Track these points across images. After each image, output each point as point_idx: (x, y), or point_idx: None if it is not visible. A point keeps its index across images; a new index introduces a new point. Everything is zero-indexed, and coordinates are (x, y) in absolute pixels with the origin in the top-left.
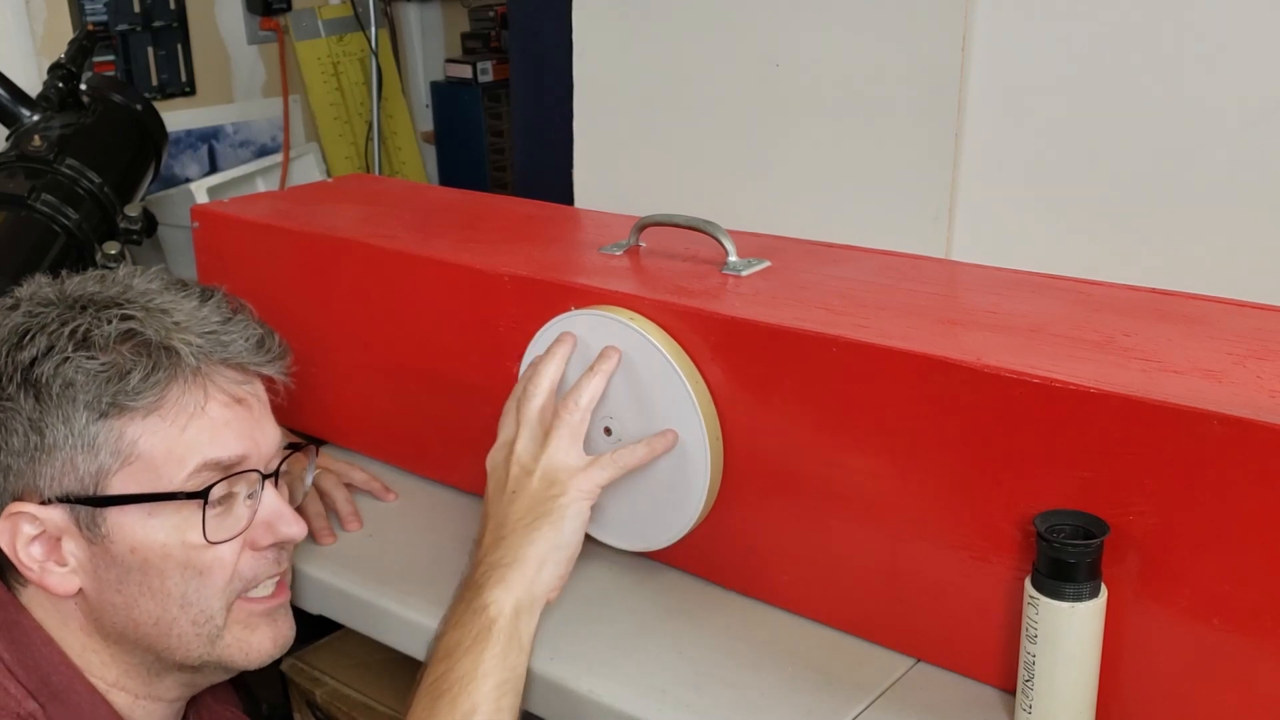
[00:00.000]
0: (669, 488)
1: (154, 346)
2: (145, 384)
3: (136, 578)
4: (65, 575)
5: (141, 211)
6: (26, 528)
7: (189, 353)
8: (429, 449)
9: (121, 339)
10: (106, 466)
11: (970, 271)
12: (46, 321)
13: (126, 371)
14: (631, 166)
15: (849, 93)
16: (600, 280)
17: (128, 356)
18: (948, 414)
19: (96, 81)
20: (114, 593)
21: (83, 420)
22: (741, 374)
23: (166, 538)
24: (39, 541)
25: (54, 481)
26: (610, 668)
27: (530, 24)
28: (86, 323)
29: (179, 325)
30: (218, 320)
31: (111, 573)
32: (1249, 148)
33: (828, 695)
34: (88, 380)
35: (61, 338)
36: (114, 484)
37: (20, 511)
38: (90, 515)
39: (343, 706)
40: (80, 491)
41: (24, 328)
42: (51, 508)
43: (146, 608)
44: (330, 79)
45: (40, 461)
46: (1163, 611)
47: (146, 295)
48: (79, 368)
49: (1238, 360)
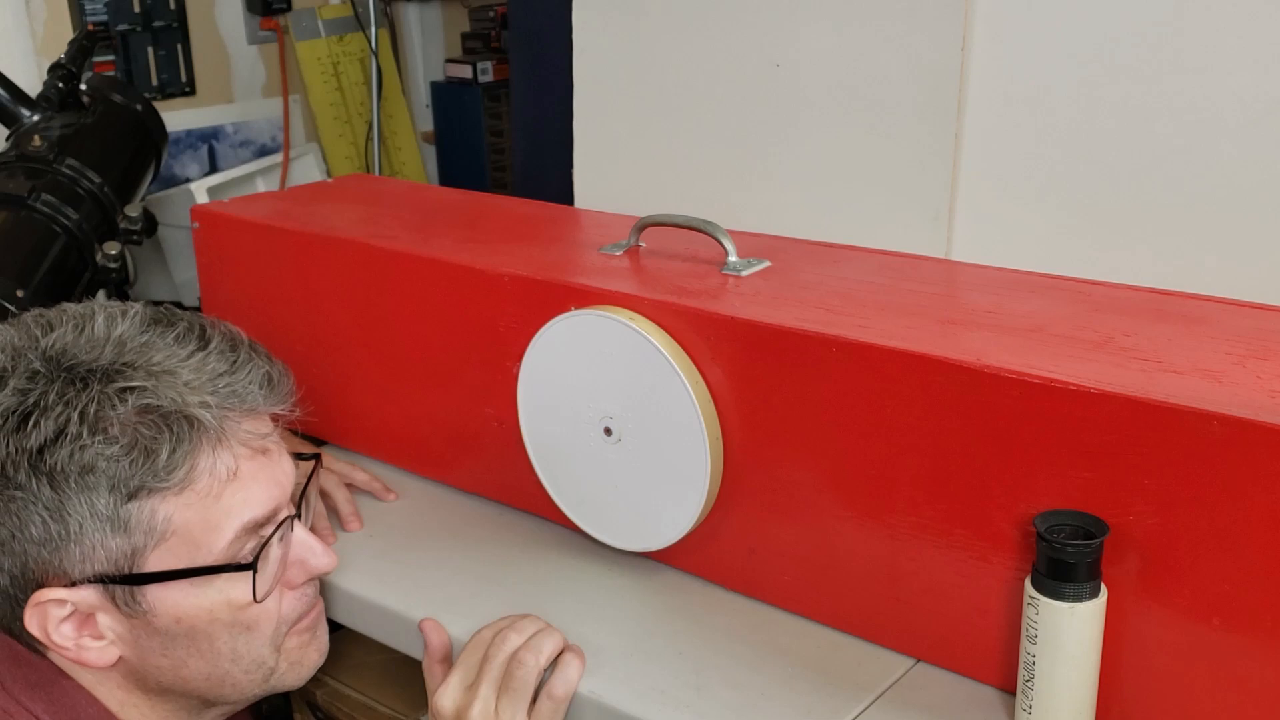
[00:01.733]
0: (669, 488)
1: (173, 418)
2: (173, 460)
3: (184, 643)
4: (104, 648)
5: (141, 211)
6: (56, 611)
7: (209, 417)
8: (429, 449)
9: (137, 414)
10: (141, 545)
11: (970, 271)
12: (47, 402)
13: (151, 451)
14: (631, 166)
15: (849, 92)
16: (600, 280)
17: (147, 434)
18: (948, 414)
19: (96, 81)
20: (159, 657)
21: (109, 504)
22: (741, 374)
23: (212, 604)
24: (71, 621)
25: (83, 563)
26: (610, 668)
27: (530, 24)
28: (95, 402)
29: (190, 385)
30: (225, 369)
31: (155, 641)
32: (1249, 148)
33: (828, 695)
34: (110, 464)
35: (71, 422)
36: (150, 561)
37: (47, 599)
38: (127, 593)
39: (343, 706)
40: (114, 572)
41: (23, 410)
42: (81, 589)
43: (196, 667)
44: (330, 79)
45: (65, 549)
46: (1163, 611)
47: (144, 353)
48: (98, 454)
49: (1238, 360)
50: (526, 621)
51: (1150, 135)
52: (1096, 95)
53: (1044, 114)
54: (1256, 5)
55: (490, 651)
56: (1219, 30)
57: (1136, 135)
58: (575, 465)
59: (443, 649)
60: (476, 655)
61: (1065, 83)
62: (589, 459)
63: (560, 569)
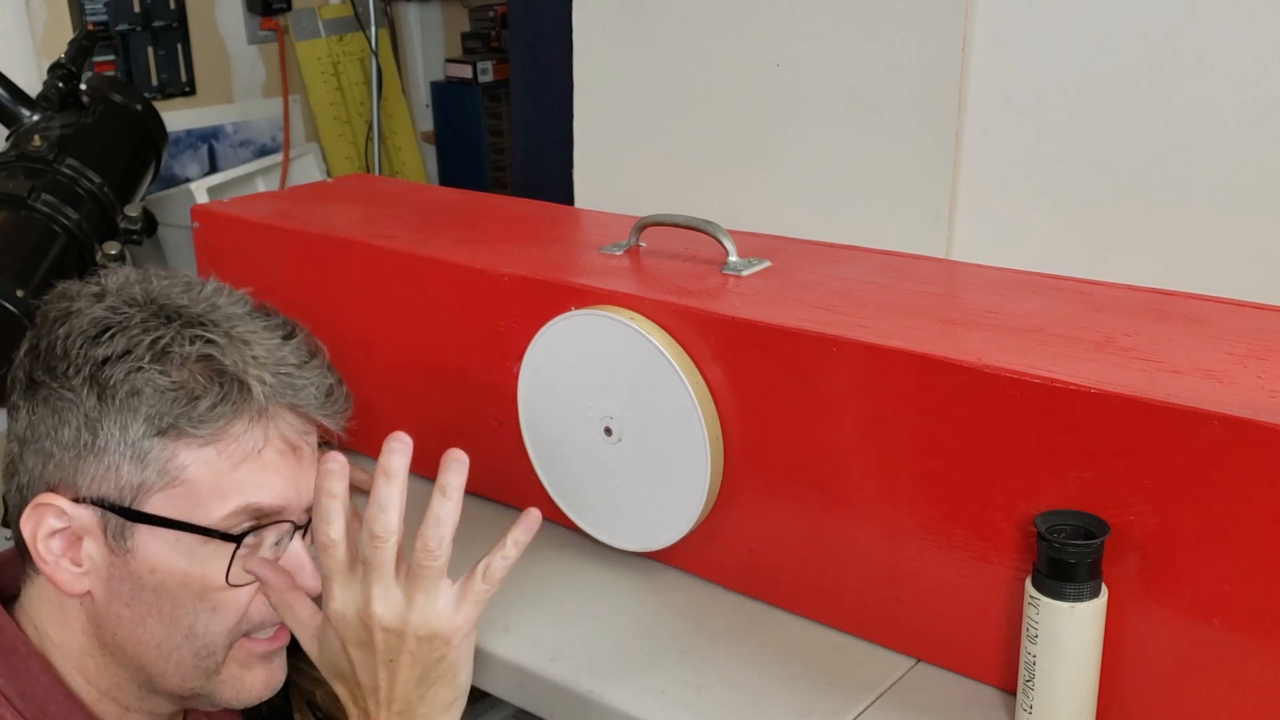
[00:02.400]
0: (669, 488)
1: (228, 377)
2: (211, 413)
3: (149, 597)
4: (78, 575)
5: (141, 211)
6: (52, 520)
7: (260, 391)
8: (429, 449)
9: (199, 361)
10: (150, 483)
11: (970, 271)
12: (129, 324)
13: (196, 396)
14: (631, 166)
15: (849, 92)
16: (600, 280)
17: (200, 381)
18: (948, 414)
19: (96, 81)
20: (123, 605)
21: (139, 432)
22: (741, 374)
23: (189, 567)
24: (60, 536)
25: (93, 482)
26: (610, 668)
27: (530, 24)
28: (169, 336)
29: (257, 360)
30: (294, 363)
31: (125, 585)
32: (1249, 148)
33: (828, 695)
34: (155, 395)
35: (141, 345)
36: (152, 502)
37: (50, 503)
38: (120, 525)
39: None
40: (116, 500)
41: (105, 323)
42: (82, 507)
43: (152, 629)
44: (330, 79)
45: (85, 460)
46: (1163, 611)
47: (231, 320)
48: (150, 380)
49: (1238, 360)
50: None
51: (1150, 135)
52: (1096, 95)
53: (1044, 114)
54: (1256, 5)
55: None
56: (1219, 30)
57: (1137, 135)
58: (575, 465)
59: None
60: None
61: (1065, 83)
62: (589, 459)
63: (560, 569)
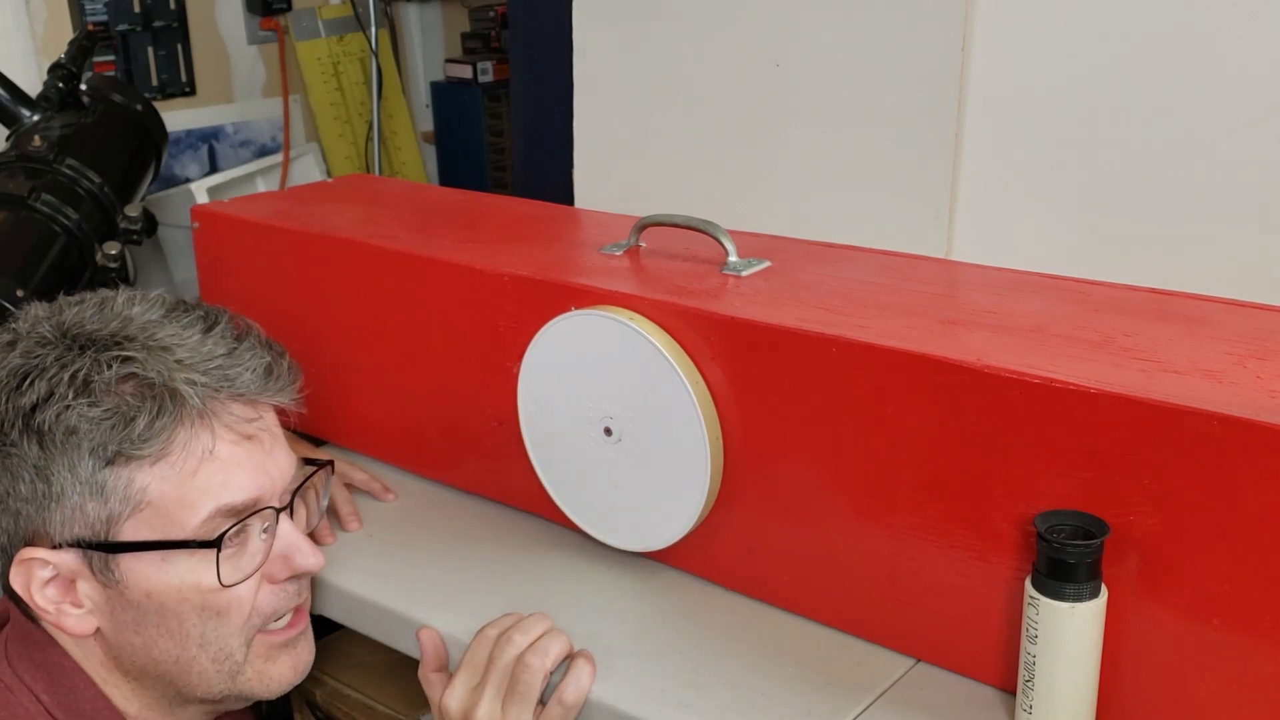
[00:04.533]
0: (669, 488)
1: (157, 389)
2: (150, 430)
3: (154, 620)
4: (82, 616)
5: (141, 211)
6: (40, 571)
7: (193, 394)
8: (429, 449)
9: (122, 382)
10: (117, 513)
11: (970, 271)
12: (45, 364)
13: (130, 418)
14: (631, 166)
15: (849, 93)
16: (600, 280)
17: (130, 402)
18: (948, 414)
19: (96, 81)
20: (132, 633)
21: (89, 468)
22: (741, 374)
23: (181, 582)
24: (54, 584)
25: (64, 526)
26: (610, 668)
27: (530, 24)
28: (86, 366)
29: (182, 364)
30: (222, 353)
31: (128, 615)
32: (1249, 148)
33: (828, 695)
34: (91, 428)
35: (61, 383)
36: (125, 530)
37: (33, 557)
38: (103, 560)
39: (343, 706)
40: (91, 537)
41: (23, 370)
42: (63, 552)
43: (165, 648)
44: (330, 79)
45: (48, 508)
46: (1163, 611)
47: (147, 330)
48: (81, 415)
49: (1238, 360)
50: (532, 621)
51: (1150, 135)
52: (1096, 95)
53: (1044, 114)
54: (1256, 5)
55: (495, 652)
56: (1219, 30)
57: (1136, 135)
58: (575, 465)
59: (439, 658)
60: (482, 654)
61: (1065, 82)
62: (589, 459)
63: (560, 569)
